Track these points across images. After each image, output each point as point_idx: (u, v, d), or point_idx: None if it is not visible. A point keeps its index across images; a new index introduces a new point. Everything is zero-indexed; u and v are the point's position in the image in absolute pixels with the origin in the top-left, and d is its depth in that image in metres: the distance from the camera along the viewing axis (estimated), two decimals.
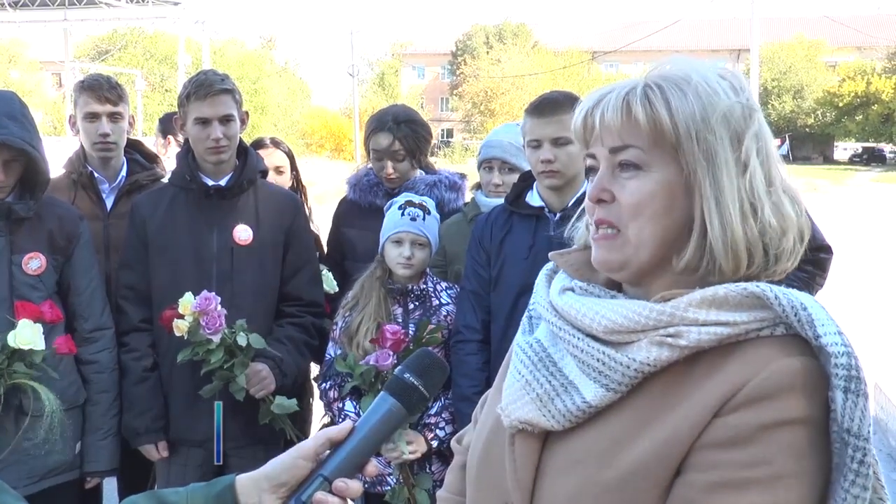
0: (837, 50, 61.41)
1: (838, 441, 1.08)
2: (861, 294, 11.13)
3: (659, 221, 1.20)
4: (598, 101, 1.25)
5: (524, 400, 1.25)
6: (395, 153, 3.44)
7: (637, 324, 1.17)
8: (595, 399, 1.19)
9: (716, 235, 1.17)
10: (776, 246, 1.19)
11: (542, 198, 2.94)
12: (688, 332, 1.14)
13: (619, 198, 1.22)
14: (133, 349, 3.11)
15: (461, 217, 3.43)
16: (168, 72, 51.70)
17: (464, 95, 63.46)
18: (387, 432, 1.23)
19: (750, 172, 1.19)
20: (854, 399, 1.07)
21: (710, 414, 1.11)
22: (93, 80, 3.47)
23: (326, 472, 1.20)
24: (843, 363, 1.08)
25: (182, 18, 25.21)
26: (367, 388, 2.93)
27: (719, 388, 1.12)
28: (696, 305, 1.15)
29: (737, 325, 1.14)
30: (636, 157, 1.21)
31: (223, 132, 3.07)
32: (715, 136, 1.18)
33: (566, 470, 1.21)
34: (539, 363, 1.28)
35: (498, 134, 3.56)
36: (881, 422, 6.35)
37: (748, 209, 1.18)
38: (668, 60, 1.26)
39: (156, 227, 3.13)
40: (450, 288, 3.18)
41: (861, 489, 1.08)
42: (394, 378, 1.25)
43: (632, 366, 1.16)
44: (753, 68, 30.42)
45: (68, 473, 2.95)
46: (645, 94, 1.20)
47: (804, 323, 1.11)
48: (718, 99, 1.19)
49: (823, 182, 35.25)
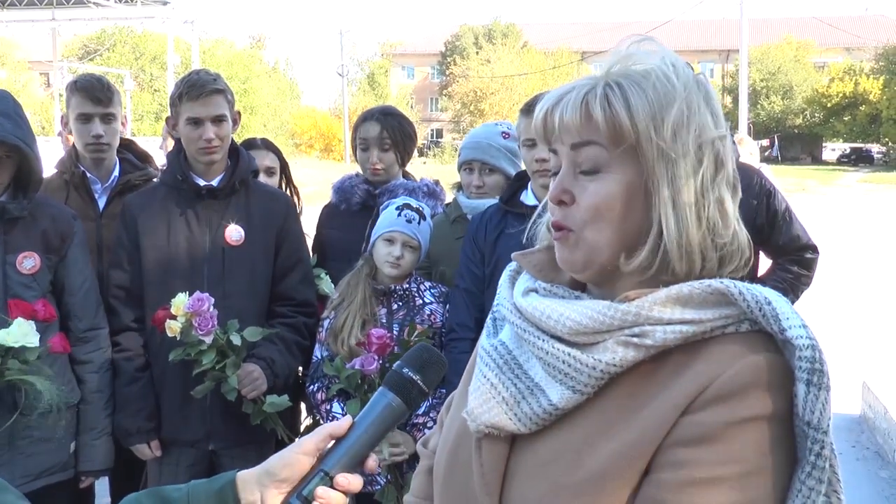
0: (826, 51, 61.72)
1: (799, 434, 1.09)
2: (848, 293, 11.20)
3: (618, 225, 1.19)
4: (557, 100, 1.23)
5: (490, 404, 1.24)
6: (382, 141, 3.48)
7: (602, 324, 1.16)
8: (561, 401, 1.17)
9: (671, 237, 1.16)
10: (722, 245, 1.18)
11: (537, 197, 2.96)
12: (653, 332, 1.13)
13: (578, 200, 1.21)
14: (125, 349, 3.11)
15: (443, 218, 3.45)
16: (157, 71, 51.53)
17: (453, 95, 63.46)
18: (386, 427, 1.24)
19: (703, 169, 1.18)
20: (816, 392, 1.07)
21: (678, 412, 1.11)
22: (85, 80, 3.47)
23: (327, 468, 1.20)
24: (807, 356, 1.08)
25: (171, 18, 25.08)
26: (354, 391, 2.94)
27: (686, 387, 1.11)
28: (660, 304, 1.14)
29: (702, 323, 1.13)
30: (597, 155, 1.19)
31: (215, 132, 3.07)
32: (673, 134, 1.16)
33: (535, 473, 1.20)
34: (504, 366, 1.26)
35: (477, 135, 3.56)
36: (869, 420, 6.39)
37: (701, 208, 1.17)
38: (631, 52, 1.24)
39: (147, 226, 3.13)
40: (433, 287, 3.19)
41: (817, 482, 1.07)
42: (393, 373, 1.25)
43: (598, 367, 1.15)
44: (742, 69, 30.52)
45: (63, 473, 2.95)
46: (605, 93, 1.18)
47: (769, 317, 1.11)
48: (676, 93, 1.17)
49: (812, 182, 35.44)
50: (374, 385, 2.91)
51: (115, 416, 3.09)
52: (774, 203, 3.72)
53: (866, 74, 57.12)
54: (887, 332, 9.09)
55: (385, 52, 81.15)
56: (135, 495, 1.21)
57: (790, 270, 3.76)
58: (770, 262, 3.85)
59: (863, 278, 12.74)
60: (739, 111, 29.03)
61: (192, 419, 3.09)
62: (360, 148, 3.55)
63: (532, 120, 1.35)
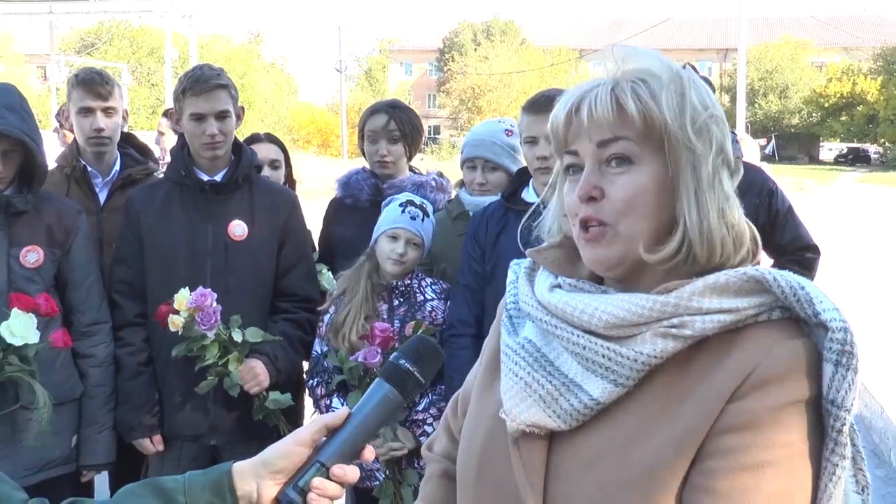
0: (824, 50, 61.74)
1: (824, 413, 1.12)
2: (845, 293, 11.21)
3: (652, 216, 1.20)
4: (581, 97, 1.24)
5: (528, 402, 1.23)
6: (390, 132, 3.47)
7: (640, 317, 1.17)
8: (602, 395, 1.18)
9: (693, 225, 1.18)
10: (732, 226, 1.22)
11: (538, 194, 2.96)
12: (692, 322, 1.15)
13: (609, 194, 1.21)
14: (128, 344, 3.11)
15: (445, 215, 3.44)
16: (155, 66, 51.42)
17: (451, 92, 63.43)
18: (383, 418, 1.24)
19: (712, 155, 1.21)
20: (844, 372, 1.10)
21: (723, 402, 1.12)
22: (86, 74, 3.47)
23: (323, 459, 1.20)
24: (839, 338, 1.11)
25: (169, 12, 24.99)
26: (356, 385, 2.94)
27: (728, 376, 1.13)
28: (699, 294, 1.16)
29: (738, 312, 1.15)
30: (627, 149, 1.20)
31: (219, 128, 3.07)
32: (703, 136, 1.20)
33: (580, 471, 1.20)
34: (535, 364, 1.25)
35: (480, 132, 3.56)
36: (865, 419, 6.42)
37: (714, 194, 1.20)
38: (628, 53, 1.26)
39: (150, 222, 3.13)
40: (434, 283, 3.19)
41: (840, 458, 1.10)
42: (389, 364, 1.25)
43: (639, 359, 1.16)
44: (741, 68, 30.47)
45: (64, 466, 2.95)
46: (633, 88, 1.20)
47: (803, 302, 1.14)
48: (685, 87, 1.22)
49: (810, 182, 35.45)
50: None
51: (118, 411, 3.09)
52: (776, 202, 3.72)
53: (864, 74, 57.19)
54: (884, 331, 9.11)
55: (383, 48, 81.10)
56: (131, 486, 1.21)
57: (791, 270, 3.77)
58: (771, 262, 3.85)
59: (860, 278, 12.76)
60: (737, 110, 29.01)
61: (194, 414, 3.09)
62: (368, 140, 3.54)
63: (535, 118, 1.35)
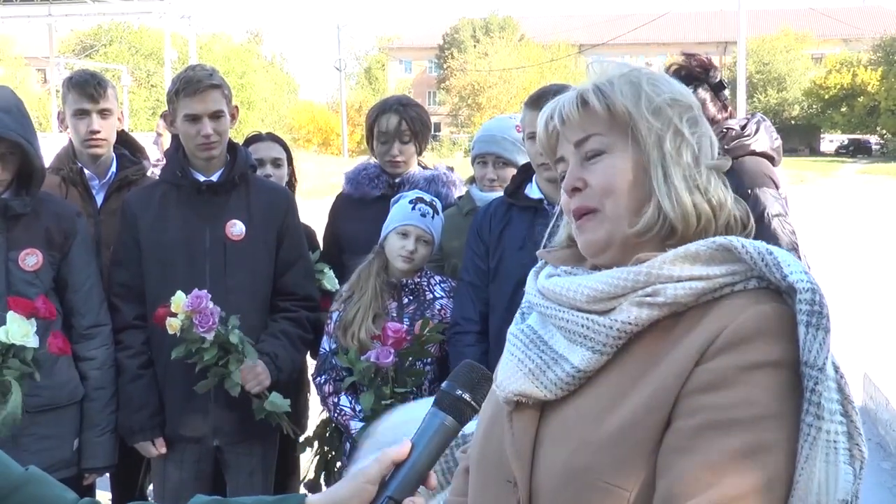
0: (823, 42, 61.64)
1: (803, 377, 1.14)
2: (848, 284, 11.19)
3: (630, 194, 1.30)
4: (553, 107, 1.38)
5: (517, 375, 1.32)
6: (402, 133, 3.46)
7: (616, 287, 1.25)
8: (583, 363, 1.26)
9: (663, 195, 1.28)
10: (712, 198, 1.30)
11: (542, 190, 2.94)
12: (664, 290, 1.22)
13: (590, 182, 1.33)
14: (128, 346, 3.10)
15: (456, 211, 3.42)
16: (154, 67, 51.44)
17: (451, 89, 63.35)
18: (442, 446, 1.28)
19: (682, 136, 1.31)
20: (814, 332, 1.13)
21: (692, 363, 1.18)
22: (81, 76, 3.46)
23: (393, 493, 1.24)
24: (806, 298, 1.14)
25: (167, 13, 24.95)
26: (367, 385, 2.93)
27: (699, 339, 1.19)
28: (669, 262, 1.23)
29: (711, 279, 1.22)
30: (600, 143, 1.32)
31: (213, 128, 3.06)
32: (660, 116, 1.30)
33: (562, 436, 1.27)
34: (530, 343, 1.35)
35: (491, 128, 3.55)
36: (870, 411, 6.40)
37: (689, 170, 1.29)
38: (603, 67, 1.38)
39: (148, 224, 3.12)
40: (443, 281, 3.18)
41: (814, 418, 1.12)
42: (444, 394, 1.29)
43: (614, 326, 1.23)
44: (740, 60, 30.40)
45: (66, 470, 2.93)
46: (597, 87, 1.33)
47: (771, 266, 1.19)
48: (664, 87, 1.33)
49: (811, 174, 35.47)
50: (387, 378, 2.90)
51: (119, 414, 3.08)
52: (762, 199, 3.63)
53: (864, 65, 57.08)
54: (888, 323, 9.10)
55: (382, 46, 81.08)
56: (203, 498, 1.23)
57: None
58: None
59: (863, 269, 12.75)
60: (738, 103, 28.94)
61: (195, 415, 3.09)
62: (378, 141, 3.51)
63: (538, 113, 1.44)
